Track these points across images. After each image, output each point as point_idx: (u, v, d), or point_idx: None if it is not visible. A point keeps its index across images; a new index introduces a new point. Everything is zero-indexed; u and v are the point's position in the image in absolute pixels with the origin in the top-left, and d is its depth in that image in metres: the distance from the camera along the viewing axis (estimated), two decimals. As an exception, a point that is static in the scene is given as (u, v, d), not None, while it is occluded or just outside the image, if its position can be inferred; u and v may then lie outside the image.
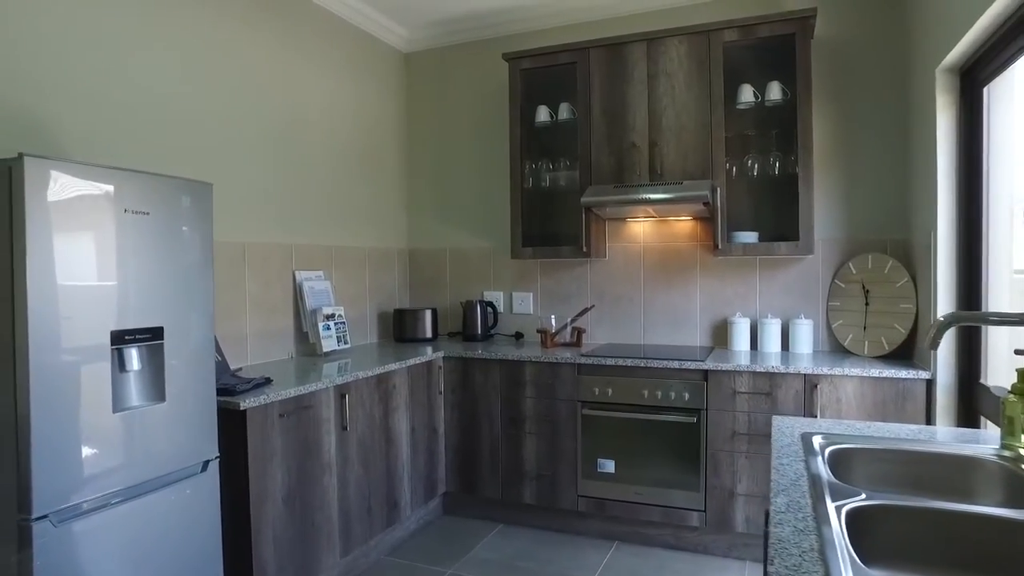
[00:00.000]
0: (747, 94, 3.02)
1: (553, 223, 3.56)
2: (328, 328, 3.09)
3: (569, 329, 3.41)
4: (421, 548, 2.98)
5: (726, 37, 2.96)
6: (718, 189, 2.96)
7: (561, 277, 3.61)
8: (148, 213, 1.82)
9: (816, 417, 2.61)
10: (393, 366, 2.83)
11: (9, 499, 1.56)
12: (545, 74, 3.39)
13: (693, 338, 3.35)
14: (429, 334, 3.60)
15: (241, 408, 2.08)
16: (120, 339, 1.75)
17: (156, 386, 1.87)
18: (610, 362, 2.93)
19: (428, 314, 3.60)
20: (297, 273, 3.10)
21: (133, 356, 1.79)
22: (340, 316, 3.18)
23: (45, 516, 1.57)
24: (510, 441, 3.16)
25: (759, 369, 2.70)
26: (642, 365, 2.88)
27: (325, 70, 3.32)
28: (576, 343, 3.36)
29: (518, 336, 3.66)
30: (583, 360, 2.98)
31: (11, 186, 1.53)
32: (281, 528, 2.26)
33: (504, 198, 3.73)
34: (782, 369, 2.67)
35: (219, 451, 2.07)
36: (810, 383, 2.64)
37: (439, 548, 2.98)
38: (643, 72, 3.11)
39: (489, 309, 3.62)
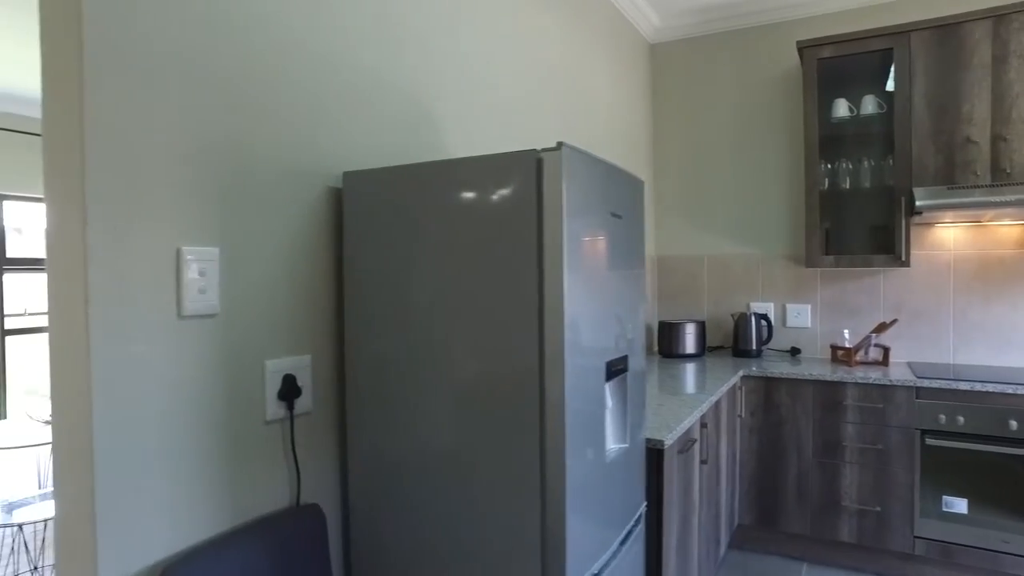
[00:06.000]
0: (1118, 79, 2.62)
1: (847, 228, 3.20)
2: (625, 344, 2.81)
3: (872, 346, 3.05)
4: (738, 590, 2.68)
5: (1101, 13, 2.57)
6: (1090, 189, 2.57)
7: (847, 288, 3.26)
8: (622, 217, 1.56)
9: None
10: (723, 389, 2.54)
11: (531, 560, 1.30)
12: (842, 63, 3.05)
13: (1021, 359, 2.96)
14: (694, 349, 3.30)
15: (665, 446, 1.81)
16: (608, 371, 1.49)
17: (621, 425, 1.61)
18: (964, 386, 2.57)
19: (693, 327, 3.30)
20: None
21: (609, 391, 1.54)
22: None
23: (571, 585, 1.32)
24: (823, 470, 2.83)
25: None
26: (1009, 392, 2.51)
27: (594, 59, 3.05)
28: (883, 362, 3.01)
29: (794, 352, 3.33)
30: (924, 383, 2.63)
31: (540, 180, 1.27)
32: (676, 579, 2.00)
33: (774, 200, 3.41)
34: None
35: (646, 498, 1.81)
36: None
37: (757, 591, 2.68)
38: (985, 55, 2.74)
39: (763, 322, 3.30)
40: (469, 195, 1.34)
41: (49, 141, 1.11)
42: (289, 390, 1.41)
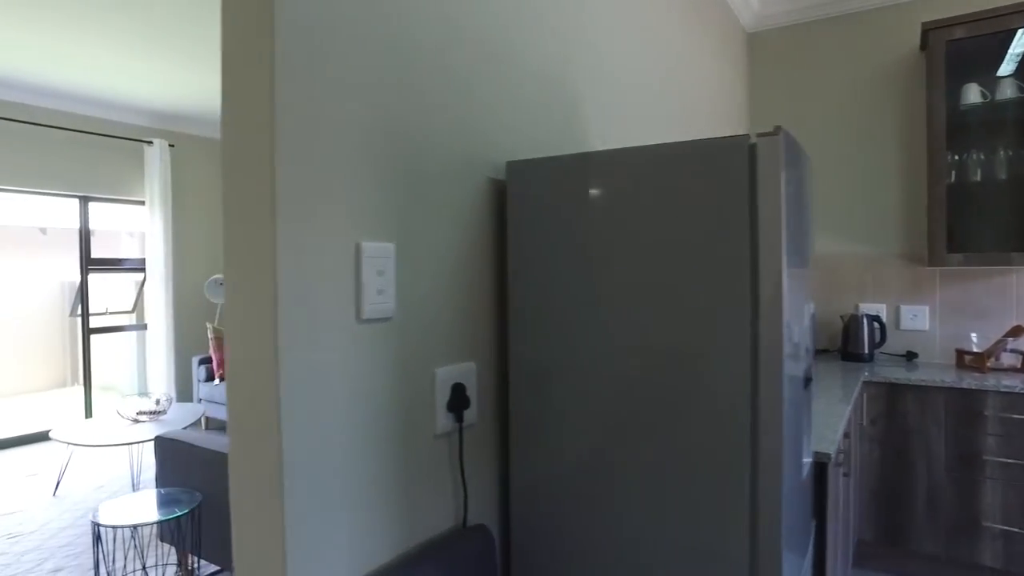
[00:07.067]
0: None
1: (975, 224, 2.97)
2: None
3: (1006, 350, 2.83)
4: (868, 613, 2.50)
5: None
6: None
7: (972, 288, 3.04)
8: (805, 208, 1.42)
9: None
10: (853, 395, 2.36)
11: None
12: (969, 46, 2.83)
13: None
14: (801, 352, 3.11)
15: (830, 459, 1.66)
16: (804, 378, 1.35)
17: (806, 439, 1.46)
18: None
19: (800, 329, 3.11)
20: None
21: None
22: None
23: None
24: (958, 486, 2.62)
25: None
26: None
27: (698, 46, 2.89)
28: (1020, 368, 2.78)
29: (910, 356, 3.12)
30: (1080, 393, 2.41)
31: (754, 168, 1.12)
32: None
33: (885, 196, 3.21)
34: None
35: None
36: None
37: (889, 614, 2.49)
38: None
39: (875, 324, 3.10)
40: (662, 186, 1.21)
41: (232, 138, 1.02)
42: (459, 401, 1.30)
